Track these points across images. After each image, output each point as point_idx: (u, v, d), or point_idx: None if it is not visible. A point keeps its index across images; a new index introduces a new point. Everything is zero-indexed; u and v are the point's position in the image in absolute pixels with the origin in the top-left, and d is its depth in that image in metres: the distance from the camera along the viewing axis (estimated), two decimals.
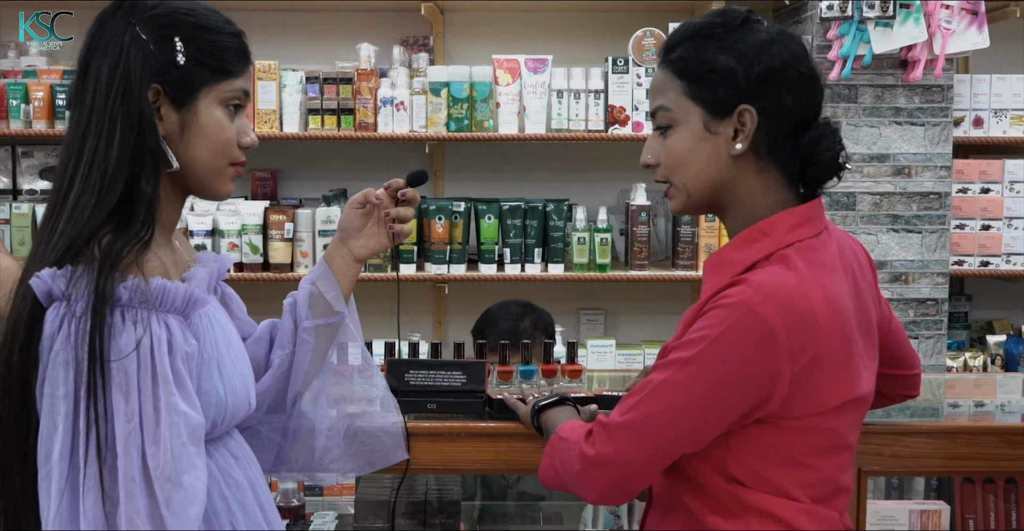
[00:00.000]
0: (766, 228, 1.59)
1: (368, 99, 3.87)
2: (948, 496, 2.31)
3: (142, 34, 1.54)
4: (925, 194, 3.87)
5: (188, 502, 1.46)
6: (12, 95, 3.87)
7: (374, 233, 1.85)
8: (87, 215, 1.50)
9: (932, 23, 3.67)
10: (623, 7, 4.16)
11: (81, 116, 1.55)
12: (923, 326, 3.89)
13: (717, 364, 1.51)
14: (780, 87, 1.58)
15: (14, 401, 1.50)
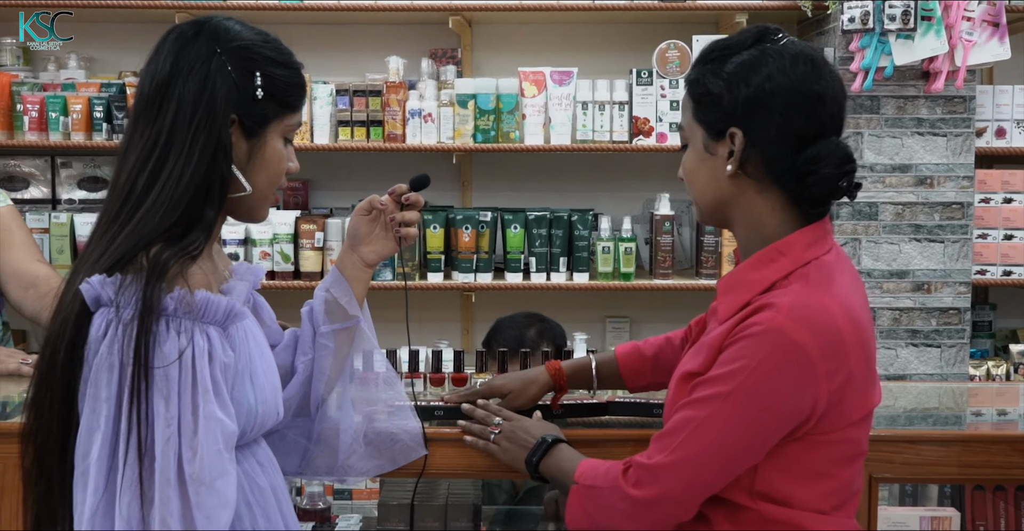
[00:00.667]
0: (783, 248, 1.65)
1: (397, 111, 3.97)
2: (959, 503, 2.36)
3: (228, 65, 1.62)
4: (947, 204, 3.92)
5: (220, 506, 1.53)
6: (52, 108, 4.00)
7: (381, 238, 1.91)
8: (147, 230, 1.57)
9: (953, 35, 3.73)
10: (647, 19, 4.23)
11: (158, 134, 1.61)
12: (945, 335, 3.94)
13: (760, 396, 1.56)
14: (770, 110, 1.63)
15: (57, 399, 1.58)
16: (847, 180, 1.66)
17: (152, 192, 1.59)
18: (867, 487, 2.08)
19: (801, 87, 1.64)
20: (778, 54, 1.66)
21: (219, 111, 1.62)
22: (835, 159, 1.64)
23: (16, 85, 4.08)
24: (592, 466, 1.75)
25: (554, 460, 1.84)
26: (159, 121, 1.61)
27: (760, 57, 1.65)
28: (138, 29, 4.36)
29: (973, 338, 4.25)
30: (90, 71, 4.34)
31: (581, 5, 4.03)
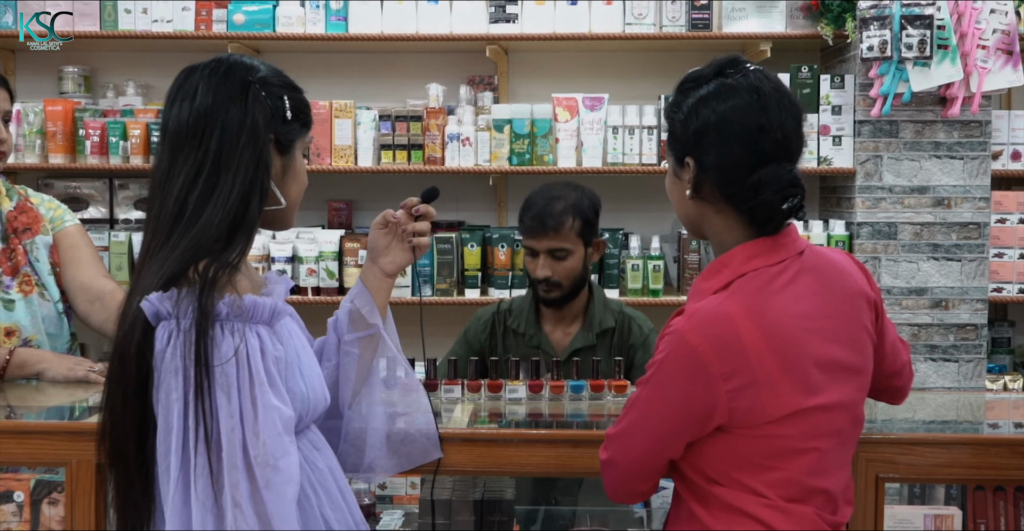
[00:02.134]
0: (726, 260, 1.82)
1: (436, 135, 4.17)
2: (962, 503, 2.46)
3: (262, 92, 1.80)
4: (964, 224, 4.06)
5: (285, 483, 1.68)
6: (112, 133, 4.23)
7: (398, 249, 2.06)
8: (206, 242, 1.73)
9: (968, 62, 3.88)
10: (675, 48, 4.40)
11: (204, 157, 1.76)
12: (963, 350, 4.07)
13: (662, 386, 1.78)
14: (717, 140, 1.79)
15: (130, 406, 1.73)
16: (790, 203, 1.78)
17: (207, 208, 1.74)
18: (873, 486, 2.21)
19: (742, 119, 1.78)
20: (728, 88, 1.80)
21: (260, 133, 1.79)
22: (776, 185, 1.77)
23: (79, 112, 4.31)
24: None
25: None
26: (203, 146, 1.76)
27: (712, 91, 1.81)
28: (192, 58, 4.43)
29: (992, 354, 4.38)
30: (146, 98, 4.56)
31: (612, 34, 4.22)
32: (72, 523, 2.26)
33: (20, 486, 2.41)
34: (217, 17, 4.23)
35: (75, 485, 2.25)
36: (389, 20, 4.25)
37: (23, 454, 2.30)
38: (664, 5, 4.22)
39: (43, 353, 2.81)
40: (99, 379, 2.70)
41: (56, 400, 2.66)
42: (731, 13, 4.21)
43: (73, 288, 2.93)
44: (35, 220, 2.92)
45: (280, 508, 1.67)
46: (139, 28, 4.26)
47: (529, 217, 2.98)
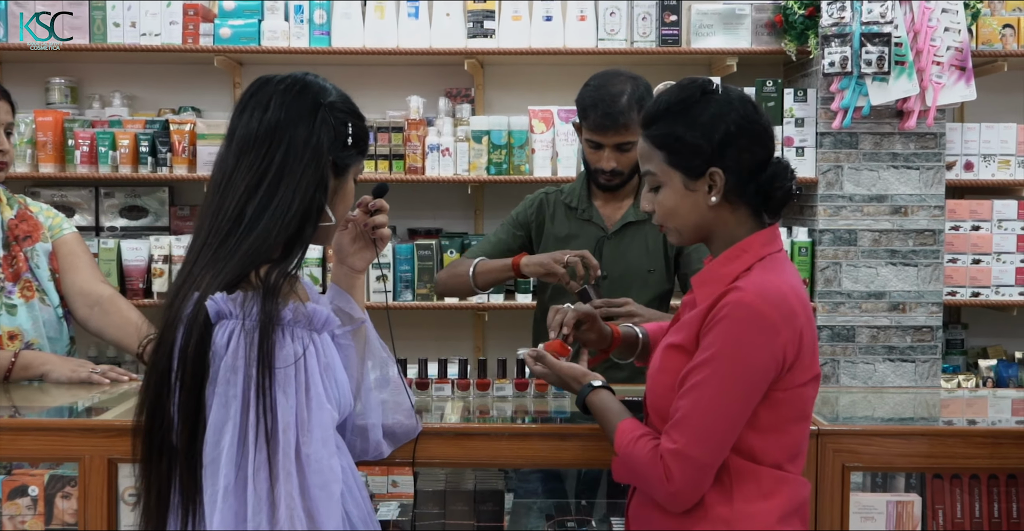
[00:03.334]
0: (744, 246, 1.98)
1: (417, 146, 4.31)
2: (921, 490, 2.56)
3: (330, 117, 1.90)
4: (920, 231, 4.25)
5: (333, 481, 1.77)
6: (101, 143, 4.32)
7: (362, 246, 2.14)
8: (264, 250, 1.81)
9: (924, 78, 4.07)
10: (646, 62, 4.55)
11: (267, 168, 1.83)
12: (919, 351, 4.26)
13: (741, 358, 1.87)
14: (738, 147, 1.95)
15: (184, 397, 1.78)
16: (796, 188, 2.00)
17: (264, 218, 1.81)
18: (840, 475, 2.34)
19: (753, 125, 1.97)
20: (728, 101, 1.97)
21: (323, 154, 1.87)
22: (787, 174, 1.98)
23: (68, 122, 4.40)
24: (625, 436, 2.00)
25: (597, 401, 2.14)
26: (268, 157, 1.84)
27: (718, 107, 1.96)
28: (177, 70, 4.72)
29: (947, 355, 4.57)
30: (132, 108, 4.66)
31: (585, 49, 4.37)
32: (85, 516, 2.33)
33: (35, 481, 2.49)
34: (204, 31, 4.33)
35: (88, 480, 2.32)
36: (371, 34, 4.38)
37: (39, 450, 2.37)
38: (635, 22, 4.37)
39: (47, 356, 2.88)
40: (102, 380, 2.80)
41: (61, 400, 2.74)
42: (699, 29, 4.37)
43: (72, 293, 3.00)
44: (35, 228, 3.00)
45: (328, 505, 1.77)
46: (127, 41, 4.36)
47: (598, 115, 2.98)
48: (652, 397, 2.06)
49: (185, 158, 4.37)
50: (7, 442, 2.35)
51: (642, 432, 1.99)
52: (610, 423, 2.08)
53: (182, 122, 4.38)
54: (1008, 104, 4.62)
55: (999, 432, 2.49)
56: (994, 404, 3.12)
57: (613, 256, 3.09)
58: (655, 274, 3.09)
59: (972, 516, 2.54)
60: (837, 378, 4.27)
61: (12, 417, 2.56)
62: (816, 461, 2.34)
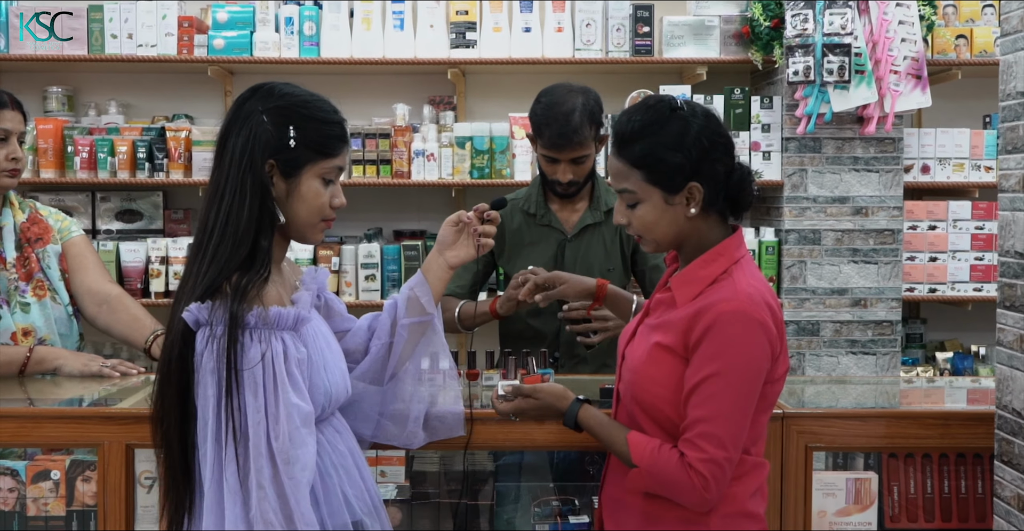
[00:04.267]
0: (721, 250, 2.11)
1: (403, 151, 4.48)
2: (878, 468, 2.71)
3: (266, 120, 1.96)
4: (880, 231, 4.44)
5: (301, 469, 1.88)
6: (100, 149, 4.46)
7: (463, 245, 2.26)
8: (224, 260, 1.91)
9: (882, 86, 4.26)
10: (620, 70, 4.72)
11: (219, 179, 1.95)
12: (880, 344, 4.45)
13: (745, 365, 2.00)
14: (712, 160, 2.07)
15: (173, 399, 1.94)
16: (756, 188, 2.14)
17: (218, 227, 1.92)
18: (803, 454, 2.49)
19: (720, 136, 2.08)
20: (694, 117, 2.07)
21: (258, 157, 1.93)
22: (750, 178, 2.12)
23: (68, 129, 4.54)
24: (644, 449, 2.08)
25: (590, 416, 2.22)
26: (221, 167, 1.95)
27: (689, 124, 2.06)
28: (171, 79, 4.88)
29: (907, 348, 4.76)
30: (127, 116, 4.80)
31: (563, 59, 4.55)
32: (104, 498, 2.45)
33: (56, 465, 2.60)
34: (198, 42, 4.48)
35: (107, 464, 2.44)
36: (358, 45, 4.54)
37: (61, 437, 2.49)
38: (610, 33, 4.54)
39: (60, 350, 3.00)
40: (112, 373, 2.93)
41: (74, 392, 2.84)
42: (670, 40, 4.55)
43: (81, 292, 3.12)
44: (45, 231, 3.11)
45: (296, 491, 1.87)
46: (125, 52, 4.50)
47: (552, 133, 3.02)
48: (633, 387, 2.15)
49: (181, 163, 4.52)
50: (31, 429, 2.48)
51: (658, 443, 2.07)
52: (616, 437, 2.15)
53: (178, 129, 4.53)
54: (962, 110, 4.82)
55: (949, 414, 2.65)
56: (950, 393, 3.29)
57: (574, 258, 3.21)
58: (614, 272, 3.22)
59: (924, 492, 2.70)
60: (803, 370, 4.44)
61: (37, 407, 2.69)
62: (781, 442, 2.49)
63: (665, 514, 2.10)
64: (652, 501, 2.11)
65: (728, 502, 2.08)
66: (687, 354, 2.06)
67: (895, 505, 2.72)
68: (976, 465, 2.70)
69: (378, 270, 4.47)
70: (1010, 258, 2.38)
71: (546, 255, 3.21)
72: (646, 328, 2.20)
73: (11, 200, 3.10)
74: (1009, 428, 2.36)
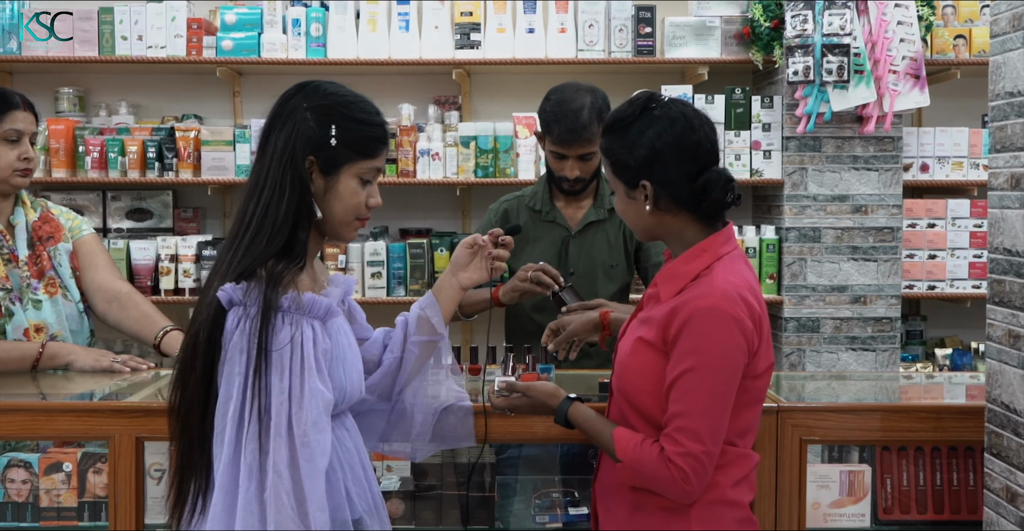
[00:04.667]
0: (704, 247, 2.16)
1: (408, 151, 4.54)
2: (872, 461, 2.77)
3: (309, 117, 1.99)
4: (879, 229, 4.48)
5: (319, 455, 1.89)
6: (111, 149, 4.53)
7: (477, 267, 2.29)
8: (261, 250, 1.95)
9: (881, 85, 4.31)
10: (623, 70, 4.78)
11: (261, 172, 1.99)
12: (879, 341, 4.50)
13: (721, 359, 2.05)
14: (663, 163, 2.11)
15: (199, 376, 1.95)
16: (731, 196, 2.14)
17: (256, 218, 1.96)
18: (797, 447, 2.54)
19: (683, 140, 2.11)
20: (658, 119, 2.11)
21: (299, 153, 1.97)
22: (719, 185, 2.11)
23: (79, 130, 4.61)
24: (627, 444, 2.13)
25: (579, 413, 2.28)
26: (263, 160, 2.00)
27: (647, 125, 2.11)
28: (180, 79, 4.94)
29: (907, 345, 4.80)
30: (137, 116, 4.86)
31: (566, 59, 4.60)
32: (115, 489, 2.51)
33: (68, 458, 2.69)
34: (207, 43, 4.55)
35: (117, 456, 2.50)
36: (364, 46, 4.61)
37: (73, 429, 2.56)
38: (612, 33, 4.60)
39: (71, 346, 3.05)
40: (122, 368, 2.98)
41: (85, 387, 2.89)
42: (672, 40, 4.60)
43: (92, 290, 3.17)
44: (57, 229, 3.16)
45: (312, 476, 1.88)
46: (135, 53, 4.57)
47: (562, 130, 3.10)
48: (619, 380, 2.22)
49: (190, 163, 4.59)
50: (44, 422, 2.54)
51: (641, 438, 2.13)
52: (602, 433, 2.21)
53: (187, 129, 4.60)
54: (961, 109, 4.85)
55: (942, 408, 2.69)
56: (948, 389, 3.33)
57: (578, 253, 3.29)
58: (617, 269, 3.30)
59: (917, 484, 2.75)
60: (803, 366, 4.49)
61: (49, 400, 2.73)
62: (776, 435, 2.54)
63: (650, 503, 2.16)
64: (638, 491, 2.17)
65: (710, 490, 2.13)
66: (667, 349, 2.11)
67: (888, 497, 2.77)
68: (968, 458, 2.75)
69: (384, 268, 4.53)
70: (999, 255, 2.43)
71: (550, 251, 3.28)
72: (636, 322, 2.26)
73: (23, 199, 3.15)
74: (998, 421, 2.40)
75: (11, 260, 3.07)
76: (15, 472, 2.72)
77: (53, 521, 2.71)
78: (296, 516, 1.88)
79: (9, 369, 2.97)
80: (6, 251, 3.07)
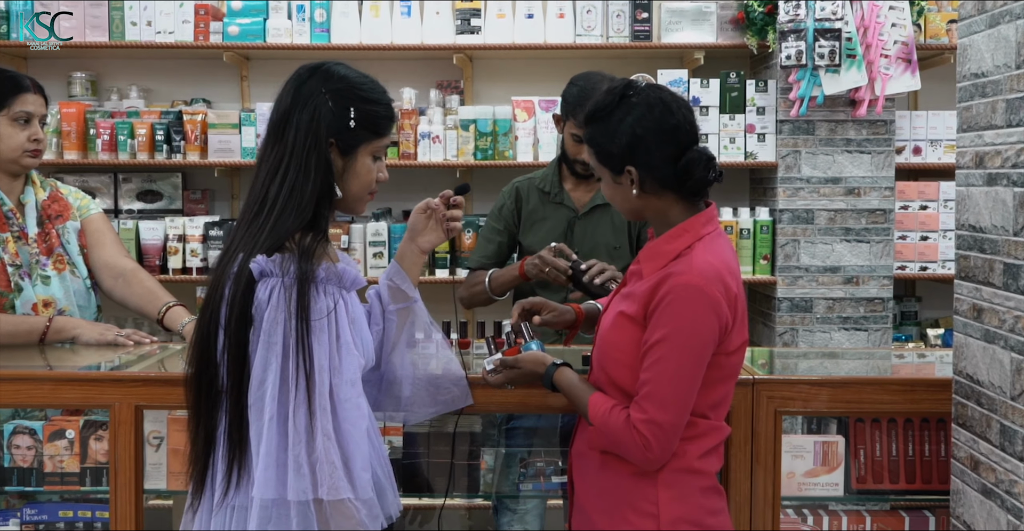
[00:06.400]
0: (687, 227, 2.23)
1: (410, 133, 4.63)
2: (846, 432, 2.83)
3: (330, 101, 2.06)
4: (872, 210, 4.53)
5: (360, 418, 1.99)
6: (120, 132, 4.65)
7: (433, 230, 2.34)
8: (287, 227, 2.01)
9: (873, 69, 4.36)
10: (621, 55, 4.84)
11: (282, 152, 2.04)
12: (871, 321, 4.55)
13: (693, 333, 2.10)
14: (645, 148, 2.18)
15: (233, 348, 1.99)
16: (712, 174, 2.21)
17: (281, 197, 2.02)
18: (772, 419, 2.59)
19: (662, 125, 2.18)
20: (636, 106, 2.19)
21: (322, 136, 2.04)
22: (700, 163, 2.19)
23: (90, 113, 4.72)
24: (598, 409, 2.21)
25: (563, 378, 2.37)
26: (283, 141, 2.04)
27: (625, 112, 2.19)
28: (189, 64, 5.05)
29: (901, 325, 4.85)
30: (147, 100, 4.97)
31: (564, 44, 4.67)
32: (115, 456, 2.58)
33: (71, 425, 2.78)
34: (214, 29, 4.65)
35: (118, 424, 2.57)
36: (367, 31, 4.70)
37: (76, 398, 2.64)
38: (610, 18, 4.67)
39: (77, 320, 3.14)
40: (126, 342, 3.08)
41: (91, 359, 2.96)
42: (669, 25, 4.67)
43: (98, 267, 3.26)
44: (65, 208, 3.25)
45: (355, 438, 1.98)
46: (144, 39, 4.68)
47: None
48: (599, 354, 2.29)
49: (197, 146, 4.70)
50: (48, 392, 2.62)
51: (612, 404, 2.20)
52: (580, 398, 2.29)
53: (194, 113, 4.70)
54: (954, 93, 4.82)
55: (913, 381, 2.75)
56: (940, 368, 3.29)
57: (583, 234, 3.40)
58: (620, 250, 3.39)
59: (890, 455, 2.81)
60: (796, 345, 4.54)
61: (53, 370, 2.83)
62: (752, 407, 2.59)
63: (619, 466, 2.24)
64: (608, 454, 2.25)
65: (677, 458, 2.20)
66: (646, 324, 2.19)
67: (861, 467, 2.82)
68: (940, 430, 2.80)
69: (385, 248, 4.63)
70: (964, 231, 2.48)
71: (557, 230, 3.40)
72: (618, 298, 2.33)
73: (33, 179, 3.24)
74: (964, 392, 2.46)
75: (21, 237, 3.15)
76: (20, 438, 2.80)
77: (56, 486, 2.80)
78: (345, 479, 1.96)
79: (18, 342, 3.05)
80: (16, 229, 3.15)
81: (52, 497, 2.90)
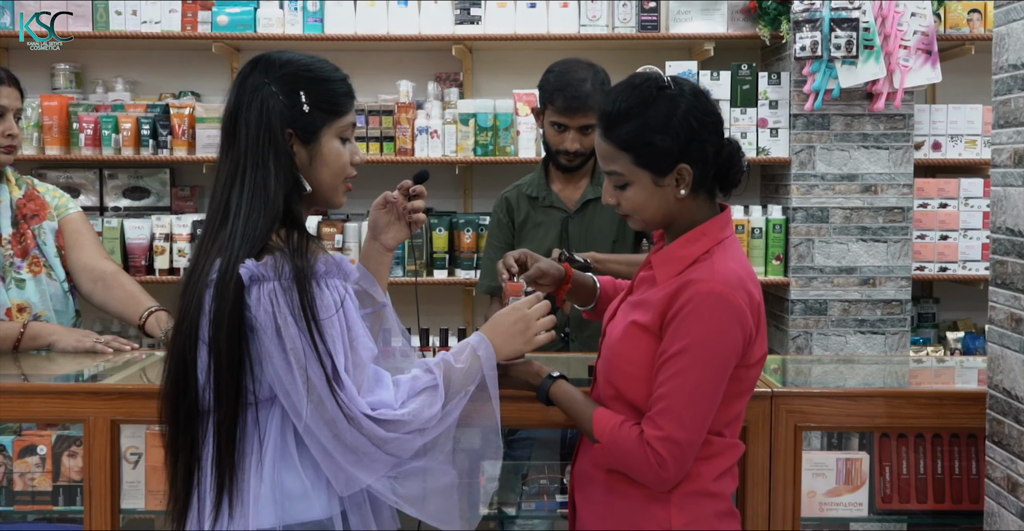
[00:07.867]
0: (704, 230, 2.10)
1: (407, 128, 4.48)
2: (870, 448, 2.72)
3: (275, 90, 1.94)
4: (890, 209, 4.41)
5: (381, 406, 1.91)
6: (104, 126, 4.51)
7: (396, 226, 2.26)
8: (259, 228, 1.90)
9: (891, 61, 4.23)
10: (627, 47, 4.72)
11: (237, 155, 1.94)
12: (889, 324, 4.43)
13: (716, 344, 1.99)
14: (701, 141, 2.03)
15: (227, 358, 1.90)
16: (746, 165, 2.12)
17: (244, 199, 1.91)
18: (792, 434, 2.48)
19: (709, 115, 2.05)
20: (682, 97, 2.04)
21: (276, 129, 1.93)
22: (739, 154, 2.09)
23: (73, 106, 4.58)
24: (605, 425, 2.08)
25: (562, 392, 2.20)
26: (236, 145, 1.94)
27: (676, 104, 2.03)
28: (177, 56, 4.90)
29: (919, 328, 4.74)
30: (134, 93, 4.84)
31: (568, 35, 4.54)
32: (89, 473, 2.48)
33: (43, 440, 2.65)
34: (202, 18, 4.51)
35: (92, 439, 2.47)
36: (362, 21, 4.55)
37: (47, 412, 2.52)
38: (616, 8, 4.54)
39: (53, 326, 3.03)
40: (105, 349, 2.96)
41: (67, 368, 2.87)
42: (677, 15, 4.53)
43: (77, 269, 3.14)
44: (42, 207, 3.14)
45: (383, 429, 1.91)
46: (129, 29, 4.54)
47: (566, 98, 3.13)
48: (606, 365, 2.15)
49: (185, 140, 4.55)
50: (18, 405, 2.51)
51: (621, 419, 2.07)
52: (582, 413, 2.14)
53: (182, 106, 4.56)
54: (976, 86, 4.74)
55: (942, 394, 2.62)
56: (960, 373, 3.26)
57: (579, 233, 3.27)
58: (620, 244, 3.27)
59: (917, 472, 2.69)
60: (810, 349, 4.44)
61: (22, 382, 2.72)
62: (770, 422, 2.48)
63: (628, 489, 2.10)
64: (615, 475, 2.11)
65: (691, 480, 2.07)
66: (662, 334, 2.05)
67: (887, 485, 2.72)
68: (970, 445, 2.69)
69: None
70: (1001, 235, 2.36)
71: (551, 234, 3.29)
72: (627, 306, 2.19)
73: (7, 176, 3.13)
74: (1000, 408, 2.35)
75: None
76: None
77: (27, 505, 2.69)
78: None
79: None
80: None
81: (24, 516, 2.77)
